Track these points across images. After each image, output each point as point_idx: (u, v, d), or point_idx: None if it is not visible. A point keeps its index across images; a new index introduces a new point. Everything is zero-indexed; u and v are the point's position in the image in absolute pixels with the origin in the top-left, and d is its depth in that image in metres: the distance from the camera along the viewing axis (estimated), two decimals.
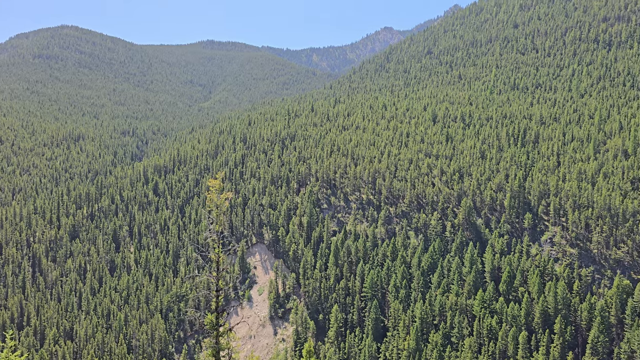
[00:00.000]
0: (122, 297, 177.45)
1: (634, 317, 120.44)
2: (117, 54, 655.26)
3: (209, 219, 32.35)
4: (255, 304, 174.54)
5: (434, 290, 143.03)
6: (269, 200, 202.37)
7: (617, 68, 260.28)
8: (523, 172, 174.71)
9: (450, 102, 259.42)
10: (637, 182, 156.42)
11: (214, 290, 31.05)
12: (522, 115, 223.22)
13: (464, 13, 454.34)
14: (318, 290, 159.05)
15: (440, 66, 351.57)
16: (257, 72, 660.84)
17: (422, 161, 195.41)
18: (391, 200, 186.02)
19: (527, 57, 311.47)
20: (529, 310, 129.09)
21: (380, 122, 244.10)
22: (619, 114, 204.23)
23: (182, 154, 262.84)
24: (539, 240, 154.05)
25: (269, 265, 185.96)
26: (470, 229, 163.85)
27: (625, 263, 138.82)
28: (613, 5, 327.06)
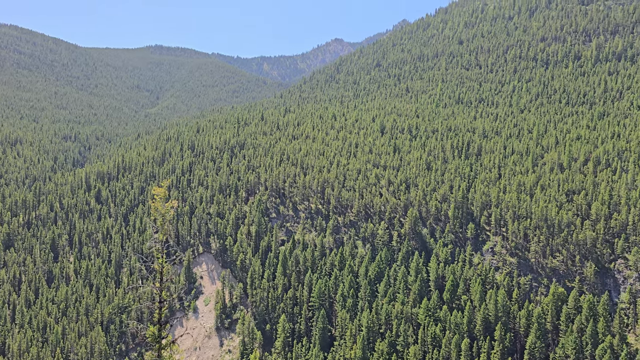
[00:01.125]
0: (59, 309, 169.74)
1: (568, 323, 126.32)
2: (60, 55, 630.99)
3: (154, 228, 31.69)
4: (201, 315, 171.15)
5: (381, 299, 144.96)
6: (217, 209, 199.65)
7: (553, 85, 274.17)
8: (466, 183, 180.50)
9: (398, 114, 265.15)
10: (572, 194, 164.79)
11: (157, 301, 30.38)
12: (466, 129, 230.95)
13: (412, 28, 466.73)
14: (265, 300, 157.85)
15: (389, 79, 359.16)
16: (206, 79, 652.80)
17: (370, 171, 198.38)
18: (340, 209, 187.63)
19: (471, 72, 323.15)
20: (471, 318, 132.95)
21: (330, 132, 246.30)
22: (555, 129, 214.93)
23: (127, 161, 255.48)
24: (481, 250, 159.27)
25: (215, 275, 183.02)
26: (416, 239, 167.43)
27: (560, 271, 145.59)
28: (550, 26, 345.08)
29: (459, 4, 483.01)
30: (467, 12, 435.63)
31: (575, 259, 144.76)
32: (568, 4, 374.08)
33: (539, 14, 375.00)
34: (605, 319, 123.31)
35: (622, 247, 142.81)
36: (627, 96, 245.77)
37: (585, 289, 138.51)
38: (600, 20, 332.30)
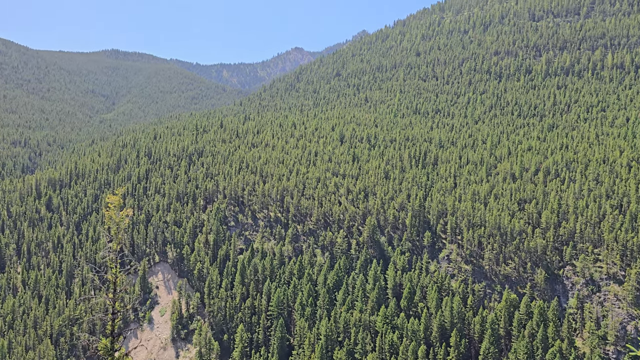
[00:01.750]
0: (5, 322, 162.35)
1: (520, 329, 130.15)
2: (9, 57, 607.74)
3: (108, 237, 31.02)
4: (157, 326, 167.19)
5: (339, 308, 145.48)
6: (174, 217, 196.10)
7: (506, 98, 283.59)
8: (423, 192, 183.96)
9: (357, 124, 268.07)
10: (523, 203, 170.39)
11: (110, 312, 29.67)
12: (423, 139, 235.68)
13: (371, 39, 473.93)
14: (223, 310, 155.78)
15: (348, 88, 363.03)
16: (164, 85, 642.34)
17: (329, 180, 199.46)
18: (299, 218, 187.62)
19: (428, 83, 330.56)
20: (428, 325, 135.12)
21: (290, 141, 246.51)
22: (507, 140, 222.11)
23: (81, 168, 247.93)
24: (437, 258, 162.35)
25: (172, 285, 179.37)
26: (374, 247, 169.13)
27: (512, 278, 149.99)
28: (503, 41, 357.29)
29: (416, 16, 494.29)
30: (424, 24, 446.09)
31: (527, 266, 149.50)
32: (520, 20, 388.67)
33: (492, 29, 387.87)
34: (554, 324, 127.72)
35: (570, 254, 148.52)
36: (574, 109, 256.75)
37: (536, 295, 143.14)
38: (549, 36, 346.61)
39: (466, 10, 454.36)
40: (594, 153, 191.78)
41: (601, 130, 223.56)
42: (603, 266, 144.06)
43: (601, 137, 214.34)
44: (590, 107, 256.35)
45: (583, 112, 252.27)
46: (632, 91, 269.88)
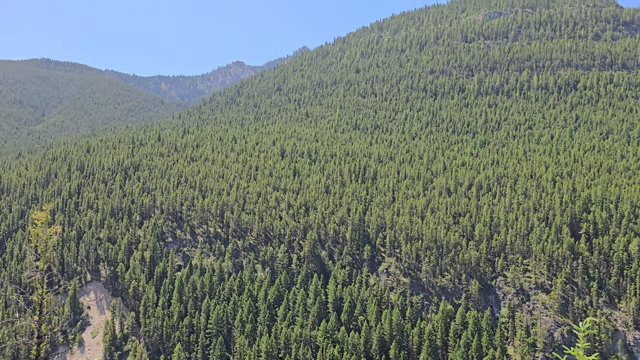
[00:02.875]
0: None
1: (455, 339, 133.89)
2: None
3: (34, 256, 29.48)
4: (88, 348, 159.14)
5: (280, 323, 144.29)
6: (108, 233, 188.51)
7: (441, 115, 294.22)
8: (363, 206, 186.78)
9: (298, 138, 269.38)
10: (458, 217, 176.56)
11: (36, 336, 28.09)
12: (363, 154, 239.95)
13: (311, 55, 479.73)
14: (160, 329, 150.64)
15: (289, 103, 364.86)
16: (99, 96, 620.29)
17: (270, 195, 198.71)
18: (239, 233, 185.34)
19: (367, 100, 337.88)
20: (368, 338, 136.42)
21: (230, 155, 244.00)
22: (443, 156, 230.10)
23: (6, 182, 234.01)
24: (376, 271, 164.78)
25: (105, 305, 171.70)
26: (315, 261, 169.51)
27: (448, 290, 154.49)
28: (438, 60, 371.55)
29: (356, 34, 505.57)
30: (363, 42, 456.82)
31: (462, 277, 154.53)
32: (453, 41, 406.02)
33: (428, 49, 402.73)
34: (488, 333, 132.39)
35: (502, 265, 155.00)
36: (504, 127, 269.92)
37: (471, 306, 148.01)
38: (481, 57, 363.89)
39: (403, 30, 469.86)
40: (522, 168, 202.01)
41: (528, 147, 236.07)
42: (532, 276, 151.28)
43: (528, 153, 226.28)
44: (518, 125, 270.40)
45: (512, 129, 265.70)
46: (556, 110, 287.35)
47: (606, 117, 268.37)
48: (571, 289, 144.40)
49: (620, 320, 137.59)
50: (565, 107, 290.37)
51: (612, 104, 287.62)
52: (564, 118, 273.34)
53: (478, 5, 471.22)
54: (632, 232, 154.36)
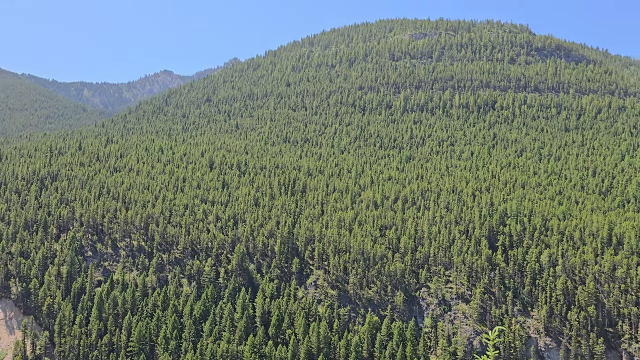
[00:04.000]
0: None
1: (381, 350, 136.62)
2: None
3: None
4: None
5: (206, 339, 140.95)
6: (20, 247, 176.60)
7: (369, 130, 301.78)
8: (292, 219, 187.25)
9: (227, 150, 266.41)
10: (384, 229, 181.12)
11: None
12: (292, 167, 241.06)
13: (242, 67, 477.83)
14: (77, 349, 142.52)
15: (219, 114, 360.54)
16: (14, 101, 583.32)
17: (198, 207, 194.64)
18: (164, 246, 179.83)
19: (298, 113, 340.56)
20: (295, 351, 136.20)
21: (156, 166, 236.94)
22: (370, 170, 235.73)
23: None
24: (305, 284, 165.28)
25: (15, 324, 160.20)
26: (243, 275, 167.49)
27: (375, 301, 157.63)
28: (367, 77, 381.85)
29: (287, 48, 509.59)
30: (294, 56, 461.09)
31: (387, 289, 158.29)
32: (381, 59, 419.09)
33: (357, 65, 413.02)
34: (412, 343, 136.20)
35: (425, 276, 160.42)
36: (428, 143, 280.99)
37: (396, 317, 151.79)
38: (407, 76, 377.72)
39: (334, 46, 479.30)
40: (445, 183, 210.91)
41: (450, 162, 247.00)
42: (453, 287, 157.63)
43: (450, 168, 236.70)
44: (441, 141, 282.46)
45: (435, 145, 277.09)
46: (476, 128, 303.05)
47: (520, 136, 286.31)
48: (489, 298, 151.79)
49: (533, 328, 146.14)
50: (484, 125, 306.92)
51: (525, 123, 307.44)
52: (483, 136, 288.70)
53: (405, 26, 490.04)
54: (543, 244, 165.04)
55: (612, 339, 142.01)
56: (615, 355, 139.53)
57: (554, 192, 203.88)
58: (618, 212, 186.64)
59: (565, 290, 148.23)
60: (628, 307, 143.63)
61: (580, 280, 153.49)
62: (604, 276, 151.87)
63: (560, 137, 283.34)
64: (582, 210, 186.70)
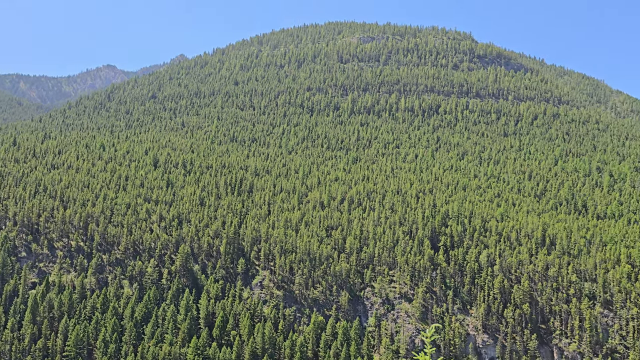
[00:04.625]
0: None
1: (326, 349, 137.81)
2: None
3: None
4: None
5: (147, 342, 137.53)
6: None
7: (317, 131, 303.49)
8: (238, 219, 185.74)
9: (172, 148, 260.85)
10: (330, 230, 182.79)
11: None
12: (239, 166, 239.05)
13: (189, 64, 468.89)
14: (8, 355, 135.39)
15: (164, 112, 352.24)
16: None
17: (141, 206, 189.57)
18: (105, 247, 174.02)
19: (246, 113, 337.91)
20: (240, 353, 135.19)
21: (97, 163, 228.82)
22: (317, 171, 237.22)
23: None
24: (250, 284, 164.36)
25: None
26: (187, 276, 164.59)
27: (320, 301, 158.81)
28: (315, 78, 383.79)
29: (235, 47, 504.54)
30: (243, 55, 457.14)
31: (333, 288, 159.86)
32: (330, 61, 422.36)
33: (306, 66, 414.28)
34: (356, 342, 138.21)
35: (370, 276, 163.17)
36: (374, 145, 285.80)
37: (341, 316, 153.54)
38: (354, 78, 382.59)
39: (282, 46, 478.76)
40: (390, 185, 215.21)
41: (396, 164, 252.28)
42: (396, 286, 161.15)
43: (396, 170, 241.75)
44: (387, 143, 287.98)
45: (381, 147, 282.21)
46: (420, 132, 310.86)
47: (462, 140, 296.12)
48: (431, 297, 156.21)
49: (472, 325, 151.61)
50: (428, 129, 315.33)
51: (467, 127, 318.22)
52: (427, 139, 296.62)
53: (353, 29, 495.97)
54: (482, 245, 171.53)
55: (545, 335, 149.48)
56: (547, 350, 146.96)
57: (493, 194, 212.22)
58: (551, 214, 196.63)
59: (502, 289, 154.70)
60: (559, 305, 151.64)
61: (515, 279, 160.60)
62: (538, 275, 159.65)
63: (499, 141, 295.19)
64: (518, 212, 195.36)
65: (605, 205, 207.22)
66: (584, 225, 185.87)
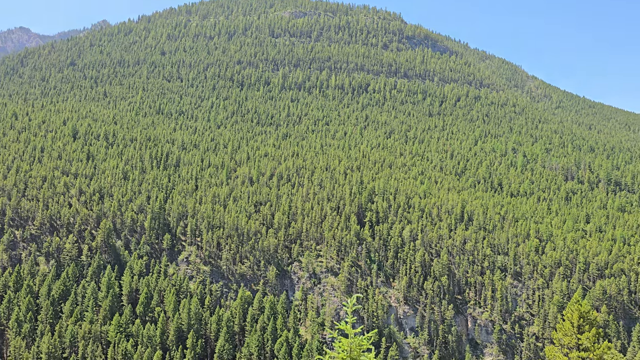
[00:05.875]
0: None
1: (252, 324, 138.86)
2: None
3: None
4: None
5: (66, 320, 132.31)
6: None
7: (247, 106, 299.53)
8: (164, 194, 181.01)
9: (93, 119, 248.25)
10: (259, 205, 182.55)
11: None
12: (166, 139, 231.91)
13: (112, 30, 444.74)
14: None
15: (85, 80, 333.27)
16: None
17: (58, 179, 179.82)
18: (18, 222, 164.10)
19: (173, 84, 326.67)
20: (165, 329, 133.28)
21: (9, 133, 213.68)
22: (247, 146, 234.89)
23: None
24: (176, 260, 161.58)
25: None
26: (109, 252, 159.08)
27: (247, 276, 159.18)
28: (246, 51, 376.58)
29: (162, 15, 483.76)
30: (170, 24, 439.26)
31: (261, 264, 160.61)
32: (261, 34, 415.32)
33: (236, 39, 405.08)
34: (283, 316, 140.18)
35: (298, 251, 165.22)
36: (304, 121, 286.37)
37: (268, 291, 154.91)
38: (286, 53, 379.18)
39: (212, 17, 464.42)
40: (319, 161, 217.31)
41: (325, 141, 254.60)
42: (323, 261, 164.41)
43: (325, 147, 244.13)
44: (317, 120, 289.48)
45: (311, 124, 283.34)
46: (350, 109, 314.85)
47: (390, 119, 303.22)
48: (356, 271, 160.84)
49: (394, 297, 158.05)
50: (357, 107, 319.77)
51: (395, 107, 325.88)
52: (356, 117, 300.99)
53: (285, 3, 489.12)
54: (406, 220, 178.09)
55: (460, 305, 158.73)
56: (462, 319, 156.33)
57: (417, 172, 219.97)
58: (470, 191, 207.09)
59: (423, 263, 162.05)
60: (474, 277, 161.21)
61: (436, 253, 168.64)
62: (456, 249, 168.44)
63: (425, 121, 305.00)
64: (440, 189, 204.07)
65: (518, 184, 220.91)
66: (499, 203, 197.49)
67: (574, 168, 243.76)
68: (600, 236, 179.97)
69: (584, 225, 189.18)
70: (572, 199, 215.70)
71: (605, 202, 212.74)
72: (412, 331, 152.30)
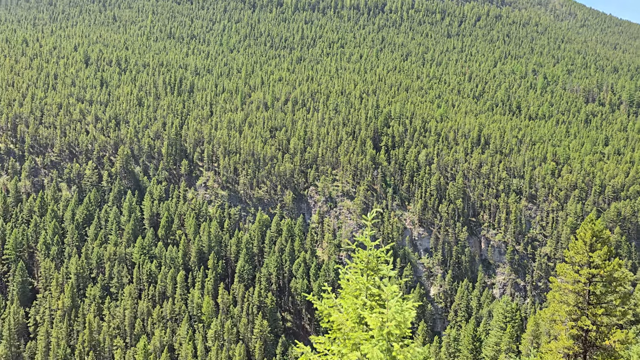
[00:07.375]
0: None
1: (271, 245, 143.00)
2: None
3: None
4: None
5: (91, 243, 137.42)
6: None
7: (259, 28, 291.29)
8: (179, 120, 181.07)
9: (104, 45, 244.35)
10: (274, 131, 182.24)
11: None
12: (178, 65, 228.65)
13: None
14: None
15: (92, 4, 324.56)
16: None
17: (73, 106, 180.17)
18: (37, 149, 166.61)
19: (183, 7, 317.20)
20: (186, 251, 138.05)
21: (21, 60, 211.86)
22: (261, 70, 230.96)
23: None
24: (194, 185, 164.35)
25: None
26: (128, 178, 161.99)
27: (264, 200, 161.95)
28: None
29: None
30: None
31: (277, 188, 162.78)
32: None
33: None
34: (300, 238, 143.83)
35: (314, 176, 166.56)
36: (319, 44, 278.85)
37: (285, 214, 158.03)
38: None
39: None
40: (334, 85, 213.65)
41: (340, 64, 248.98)
42: (339, 185, 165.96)
43: (340, 71, 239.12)
44: (332, 43, 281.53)
45: (326, 47, 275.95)
46: (365, 31, 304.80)
47: (407, 40, 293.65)
48: (371, 194, 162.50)
49: (409, 220, 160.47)
50: (373, 28, 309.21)
51: (412, 28, 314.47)
52: (372, 39, 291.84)
53: None
54: (422, 144, 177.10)
55: (474, 227, 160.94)
56: (476, 240, 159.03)
57: (434, 95, 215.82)
58: (487, 114, 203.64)
59: (438, 186, 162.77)
60: (489, 199, 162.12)
61: (451, 177, 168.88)
62: (472, 172, 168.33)
63: (443, 42, 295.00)
64: (457, 113, 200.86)
65: (537, 107, 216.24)
66: (517, 126, 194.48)
67: (595, 90, 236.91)
68: (618, 159, 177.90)
69: (602, 148, 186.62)
70: (591, 121, 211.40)
71: (625, 125, 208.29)
72: (426, 252, 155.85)
